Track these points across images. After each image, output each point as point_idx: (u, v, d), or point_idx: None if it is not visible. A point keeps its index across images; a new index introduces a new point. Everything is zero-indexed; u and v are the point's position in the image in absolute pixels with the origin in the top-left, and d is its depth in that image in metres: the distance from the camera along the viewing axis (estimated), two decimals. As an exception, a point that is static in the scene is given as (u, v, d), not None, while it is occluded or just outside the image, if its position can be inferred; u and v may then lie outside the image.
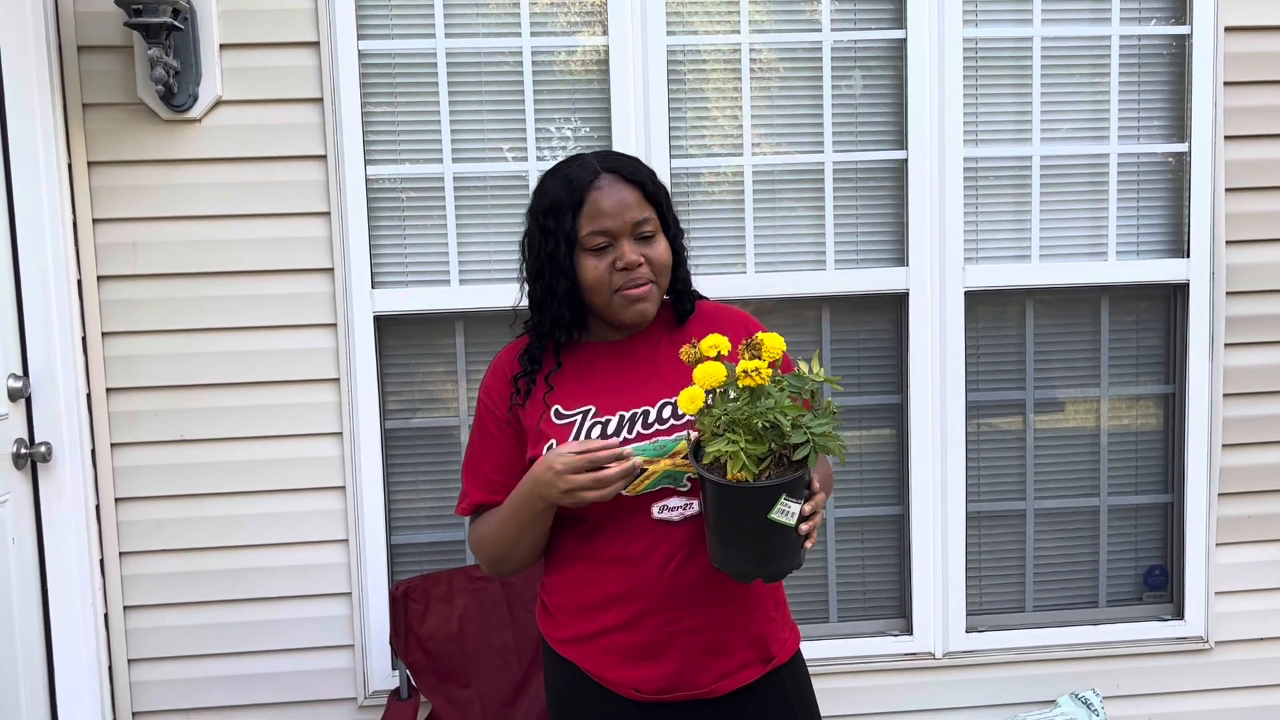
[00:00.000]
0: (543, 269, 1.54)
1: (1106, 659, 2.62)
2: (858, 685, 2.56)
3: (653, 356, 1.57)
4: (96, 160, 2.33)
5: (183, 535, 2.41)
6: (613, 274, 1.51)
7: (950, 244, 2.51)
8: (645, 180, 1.54)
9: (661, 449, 1.49)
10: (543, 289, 1.55)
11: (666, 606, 1.49)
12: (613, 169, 1.53)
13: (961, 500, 2.56)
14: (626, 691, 1.53)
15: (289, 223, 2.38)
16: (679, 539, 1.49)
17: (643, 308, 1.52)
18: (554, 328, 1.55)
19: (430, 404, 2.53)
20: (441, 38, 2.42)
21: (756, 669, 1.56)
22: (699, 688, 1.52)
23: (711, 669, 1.52)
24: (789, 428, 1.31)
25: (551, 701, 1.64)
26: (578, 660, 1.56)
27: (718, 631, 1.52)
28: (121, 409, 2.38)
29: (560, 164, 1.58)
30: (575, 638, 1.56)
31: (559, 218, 1.51)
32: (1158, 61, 2.57)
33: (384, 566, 2.47)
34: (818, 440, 1.31)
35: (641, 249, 1.51)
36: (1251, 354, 2.59)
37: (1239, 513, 2.62)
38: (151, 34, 2.16)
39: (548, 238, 1.52)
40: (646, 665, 1.52)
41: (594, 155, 1.57)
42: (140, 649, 2.43)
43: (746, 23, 2.48)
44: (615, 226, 1.50)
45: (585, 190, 1.50)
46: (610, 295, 1.51)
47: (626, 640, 1.51)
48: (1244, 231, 2.55)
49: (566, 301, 1.53)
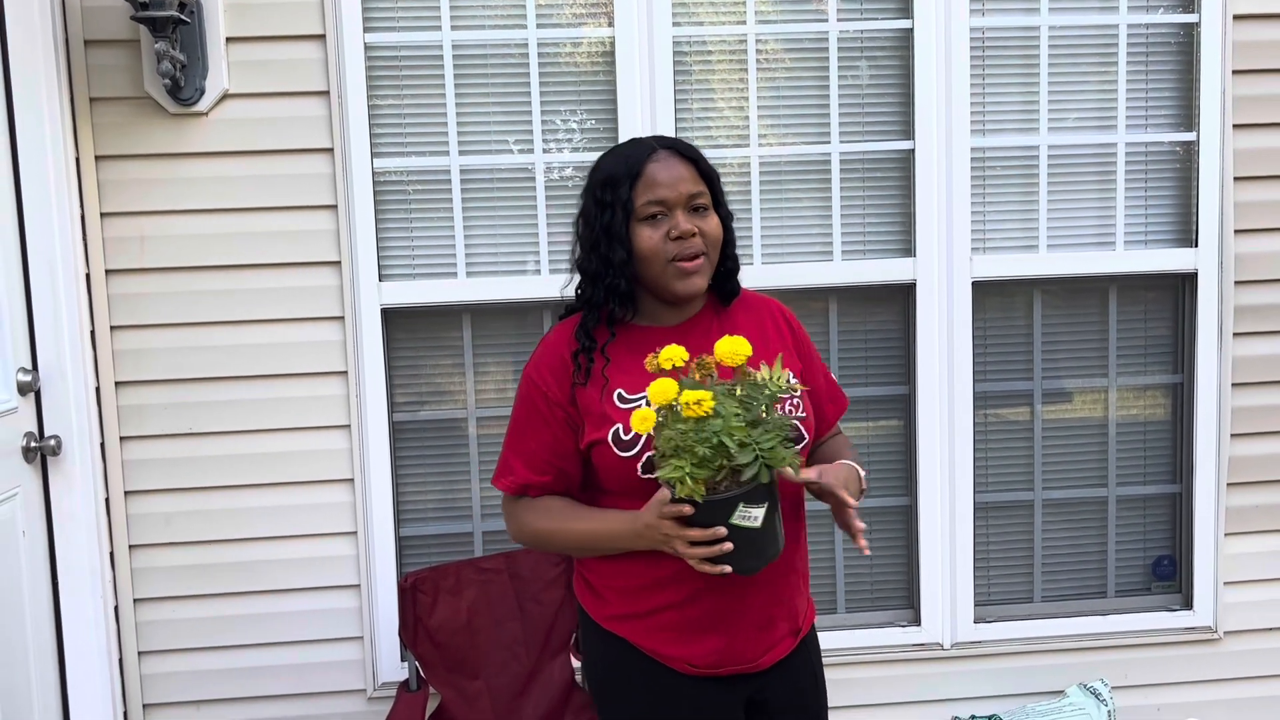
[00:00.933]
0: (599, 240, 1.56)
1: (1115, 649, 2.62)
2: (866, 675, 2.57)
3: (703, 344, 1.58)
4: (104, 154, 2.33)
5: (192, 528, 2.42)
6: (667, 243, 1.54)
7: (957, 234, 2.50)
8: (699, 158, 1.59)
9: None
10: (598, 260, 1.57)
11: (718, 586, 1.53)
12: (669, 146, 1.58)
13: (969, 491, 2.56)
14: (680, 666, 1.58)
15: (296, 216, 2.39)
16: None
17: (695, 280, 1.56)
18: (609, 298, 1.57)
19: (438, 396, 2.53)
20: (447, 30, 2.42)
21: (790, 641, 1.64)
22: (747, 662, 1.59)
23: (759, 643, 1.59)
24: (735, 449, 1.32)
25: (595, 675, 1.68)
26: (629, 636, 1.60)
27: (766, 610, 1.58)
28: (130, 402, 2.39)
29: (616, 145, 1.64)
30: (626, 615, 1.60)
31: (616, 189, 1.55)
32: (1166, 50, 2.56)
33: (392, 559, 2.47)
34: (766, 457, 1.33)
35: (695, 220, 1.55)
36: (1260, 343, 2.58)
37: (1248, 502, 2.61)
38: (158, 28, 2.16)
39: (604, 209, 1.56)
40: (700, 641, 1.57)
41: (650, 137, 1.62)
42: (150, 641, 2.44)
43: (752, 13, 2.47)
44: (671, 196, 1.54)
45: (642, 163, 1.55)
46: (665, 264, 1.54)
47: (680, 618, 1.57)
48: (1253, 220, 2.54)
49: (622, 271, 1.55)
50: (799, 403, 1.59)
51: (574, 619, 2.41)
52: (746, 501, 1.36)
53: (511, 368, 2.54)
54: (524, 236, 2.49)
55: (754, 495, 1.36)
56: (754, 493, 1.36)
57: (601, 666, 1.66)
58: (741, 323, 1.65)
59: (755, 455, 1.32)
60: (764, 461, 1.33)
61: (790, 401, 1.58)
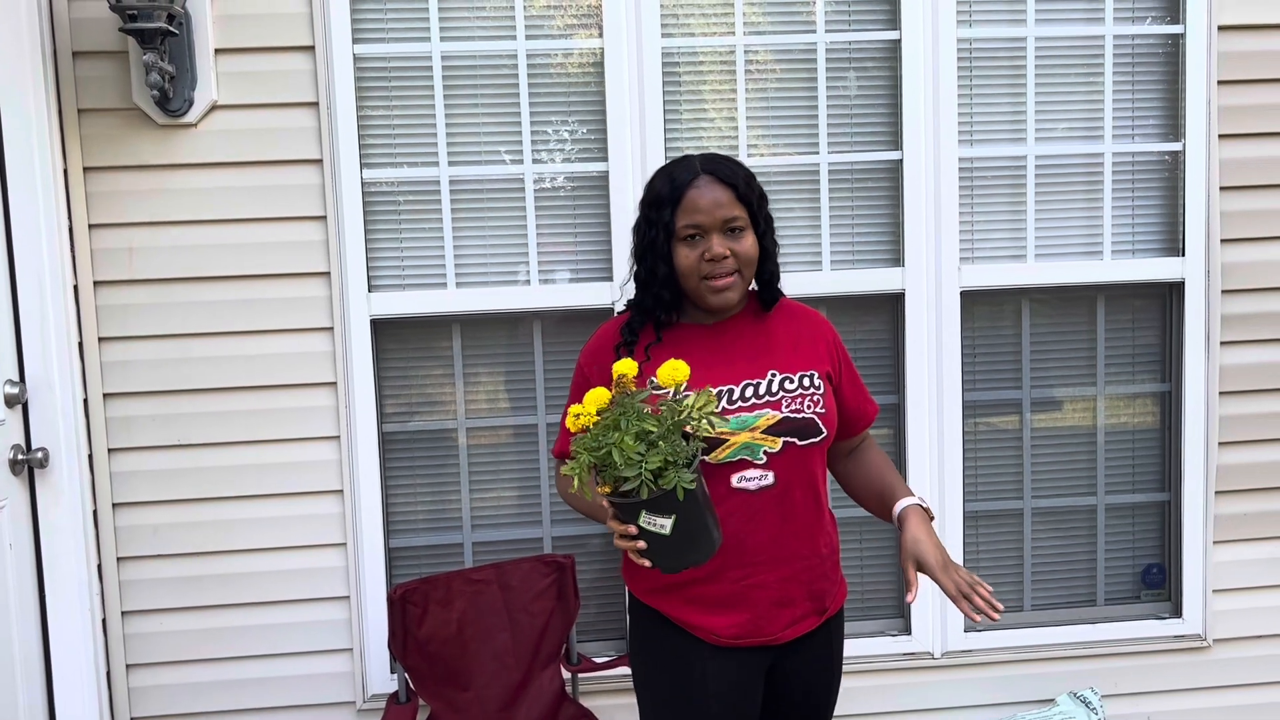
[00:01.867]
0: (646, 253, 1.76)
1: (1105, 657, 2.62)
2: (857, 685, 2.57)
3: (739, 340, 1.78)
4: (92, 165, 2.33)
5: (180, 540, 2.41)
6: (701, 263, 1.71)
7: (946, 244, 2.51)
8: (739, 182, 1.72)
9: (743, 423, 1.69)
10: (645, 271, 1.77)
11: (741, 564, 1.71)
12: (711, 170, 1.73)
13: (959, 499, 2.57)
14: (708, 636, 1.75)
15: (285, 227, 2.39)
16: (755, 506, 1.70)
17: (726, 296, 1.72)
18: (655, 305, 1.76)
19: (428, 407, 2.53)
20: (436, 41, 2.43)
21: (813, 620, 1.80)
22: (769, 635, 1.75)
23: (779, 619, 1.75)
24: (621, 462, 1.42)
25: (635, 645, 1.85)
26: (662, 608, 1.78)
27: (785, 587, 1.74)
28: (118, 414, 2.38)
29: (670, 163, 1.79)
30: (661, 588, 1.77)
31: (660, 210, 1.73)
32: (1151, 60, 2.58)
33: (382, 570, 2.46)
34: (648, 478, 1.42)
35: (729, 243, 1.71)
36: (1247, 352, 2.59)
37: (1236, 510, 2.62)
38: (147, 39, 2.16)
39: (651, 227, 1.74)
40: (725, 614, 1.74)
41: (699, 156, 1.76)
42: (138, 654, 2.43)
43: (741, 24, 2.48)
44: (706, 222, 1.70)
45: (685, 189, 1.71)
46: (699, 281, 1.72)
47: (707, 592, 1.73)
48: (1239, 230, 2.56)
49: (666, 284, 1.74)
50: (818, 399, 1.74)
51: (564, 630, 2.41)
52: (649, 510, 1.46)
53: (502, 378, 2.54)
54: (514, 247, 2.49)
55: (657, 505, 1.45)
56: (657, 503, 1.45)
57: (641, 637, 1.83)
58: (776, 328, 1.81)
59: (638, 472, 1.42)
60: (645, 480, 1.42)
61: (810, 397, 1.73)
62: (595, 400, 1.49)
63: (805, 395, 1.74)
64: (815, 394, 1.75)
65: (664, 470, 1.43)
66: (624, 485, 1.44)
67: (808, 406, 1.73)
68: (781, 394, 1.73)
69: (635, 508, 1.47)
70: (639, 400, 1.49)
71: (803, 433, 1.72)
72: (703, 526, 1.51)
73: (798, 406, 1.72)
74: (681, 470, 1.43)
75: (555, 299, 2.47)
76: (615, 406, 1.48)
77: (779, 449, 1.71)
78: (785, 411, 1.72)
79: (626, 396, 1.49)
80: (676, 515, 1.46)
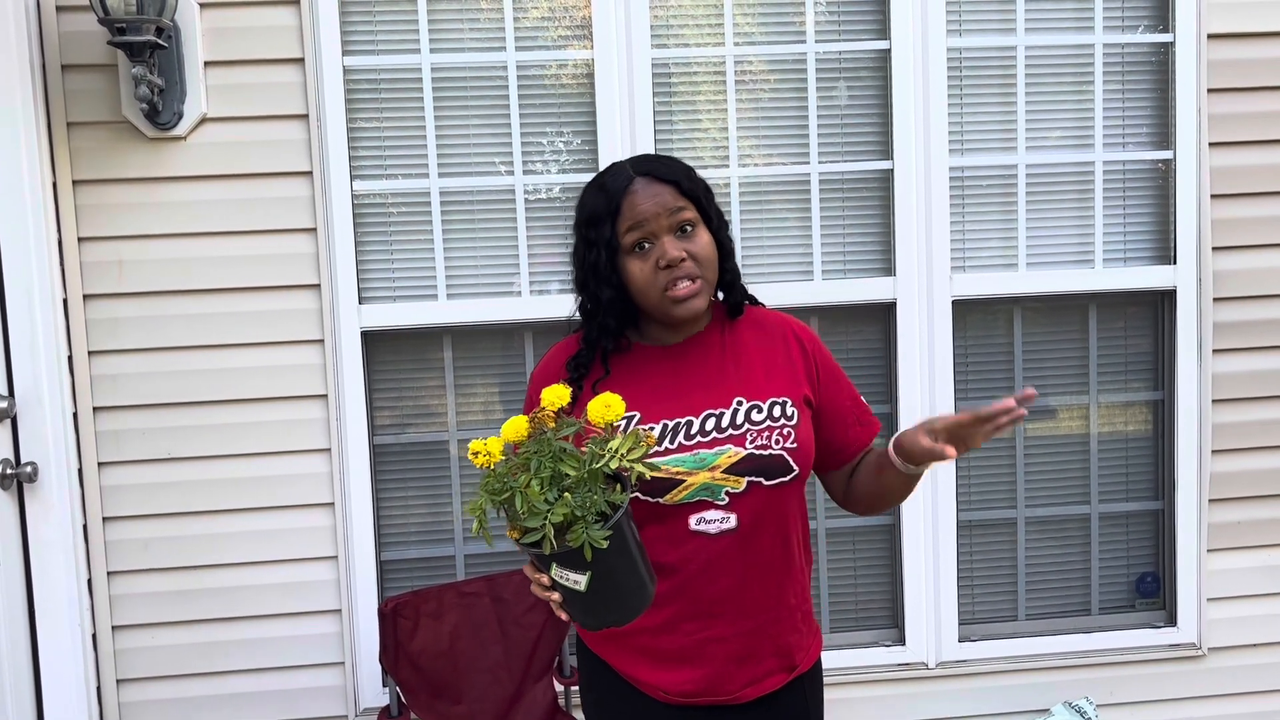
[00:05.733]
0: (587, 279, 1.56)
1: (1099, 666, 2.62)
2: (851, 696, 2.56)
3: (703, 362, 1.58)
4: (81, 179, 2.33)
5: (171, 554, 2.40)
6: (658, 274, 1.51)
7: (937, 253, 2.51)
8: (680, 177, 1.55)
9: (701, 461, 1.51)
10: (589, 298, 1.58)
11: (698, 614, 1.53)
12: (646, 172, 1.54)
13: (952, 509, 2.56)
14: (656, 694, 1.58)
15: (275, 239, 2.38)
16: (714, 551, 1.52)
17: (692, 305, 1.52)
18: (600, 336, 1.57)
19: (419, 419, 2.52)
20: (426, 53, 2.43)
21: (781, 677, 1.60)
22: (726, 694, 1.57)
23: (739, 676, 1.56)
24: (524, 513, 1.26)
25: (585, 691, 1.69)
26: (608, 658, 1.61)
27: (747, 641, 1.55)
28: (108, 428, 2.37)
29: (598, 175, 1.60)
30: (608, 635, 1.59)
31: (599, 227, 1.53)
32: (1142, 69, 2.58)
33: (374, 583, 2.45)
34: (549, 534, 1.25)
35: (683, 244, 1.52)
36: (1239, 359, 2.59)
37: (1230, 518, 2.62)
38: (135, 52, 2.15)
39: (590, 248, 1.55)
40: (677, 669, 1.56)
41: (629, 160, 1.59)
42: (128, 669, 2.42)
43: (731, 35, 2.48)
44: (653, 226, 1.51)
45: (621, 196, 1.52)
46: (660, 296, 1.52)
47: (658, 644, 1.56)
48: (1230, 237, 2.56)
49: (610, 310, 1.55)
50: (789, 432, 1.54)
51: (557, 642, 2.40)
52: (560, 563, 1.29)
53: (495, 389, 2.53)
54: (505, 258, 2.49)
55: (569, 560, 1.27)
56: (569, 558, 1.27)
57: (588, 688, 1.68)
58: (746, 344, 1.61)
59: (542, 524, 1.25)
60: (546, 536, 1.24)
61: (780, 430, 1.54)
62: (513, 430, 1.31)
63: (775, 428, 1.54)
64: (787, 426, 1.54)
65: (572, 525, 1.25)
66: (527, 537, 1.27)
67: (776, 442, 1.53)
68: (747, 427, 1.53)
69: (543, 559, 1.30)
70: (560, 436, 1.30)
71: (769, 471, 1.52)
72: (628, 585, 1.33)
73: (764, 441, 1.52)
74: (592, 527, 1.25)
75: (547, 310, 2.46)
76: (530, 442, 1.30)
77: (743, 489, 1.51)
78: (750, 448, 1.52)
79: (544, 433, 1.30)
80: (592, 573, 1.28)
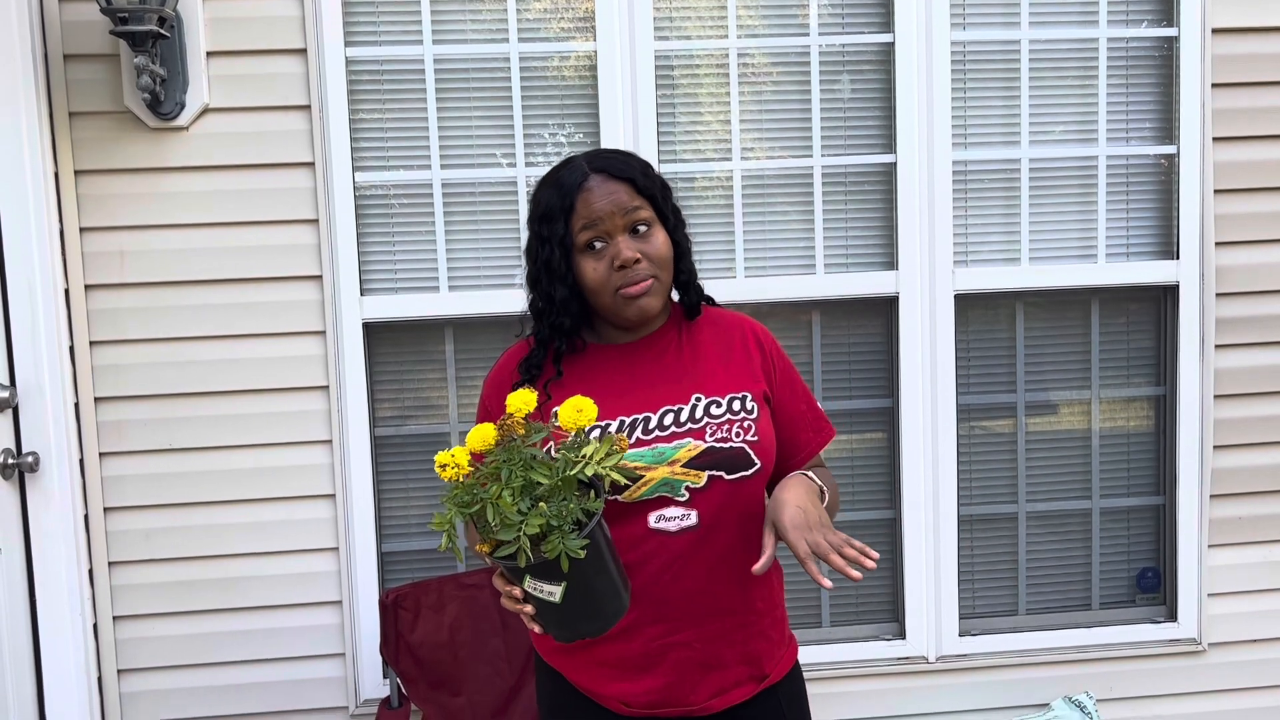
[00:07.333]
0: (540, 276, 1.53)
1: (1100, 661, 2.62)
2: (851, 690, 2.56)
3: (660, 360, 1.55)
4: (83, 169, 2.32)
5: (172, 544, 2.40)
6: (612, 274, 1.48)
7: (940, 247, 2.51)
8: (636, 174, 1.51)
9: (660, 456, 1.47)
10: (541, 297, 1.54)
11: (660, 618, 1.47)
12: (600, 169, 1.51)
13: (953, 503, 2.56)
14: (615, 705, 1.51)
15: (277, 230, 2.38)
16: (675, 550, 1.47)
17: (645, 303, 1.50)
18: (553, 335, 1.54)
19: (421, 411, 2.52)
20: (429, 44, 2.42)
21: (750, 687, 1.54)
22: (690, 704, 1.50)
23: (704, 686, 1.50)
24: (496, 525, 1.22)
25: (543, 711, 1.62)
26: (565, 672, 1.55)
27: (712, 646, 1.49)
28: (110, 418, 2.37)
29: (552, 169, 1.56)
30: (560, 648, 1.53)
31: (552, 224, 1.50)
32: (1146, 63, 2.57)
33: (374, 574, 2.46)
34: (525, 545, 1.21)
35: (638, 244, 1.49)
36: (1242, 355, 2.59)
37: (1231, 514, 2.62)
38: (137, 42, 2.15)
39: (544, 245, 1.51)
40: (637, 678, 1.49)
41: (584, 156, 1.55)
42: (130, 659, 2.42)
43: (734, 27, 2.48)
44: (608, 225, 1.48)
45: (575, 193, 1.49)
46: (613, 296, 1.49)
47: (618, 651, 1.49)
48: (1233, 233, 2.55)
49: (565, 308, 1.52)
50: (750, 425, 1.51)
51: (557, 634, 2.40)
52: (534, 575, 1.25)
53: (495, 382, 2.53)
54: (506, 250, 2.48)
55: (544, 571, 1.24)
56: (544, 568, 1.24)
57: (544, 702, 1.61)
58: (703, 342, 1.59)
59: (516, 536, 1.21)
60: (521, 548, 1.21)
61: (740, 424, 1.50)
62: (480, 439, 1.27)
63: (735, 421, 1.50)
64: (747, 420, 1.51)
65: (547, 535, 1.22)
66: (501, 550, 1.23)
67: (736, 435, 1.49)
68: (706, 420, 1.50)
69: (516, 571, 1.27)
70: (529, 443, 1.27)
71: (731, 465, 1.48)
72: (604, 593, 1.31)
73: (724, 435, 1.49)
74: (569, 536, 1.21)
75: (548, 302, 2.46)
76: (499, 450, 1.26)
77: (704, 484, 1.47)
78: (710, 441, 1.48)
79: (513, 440, 1.26)
80: (567, 583, 1.25)
